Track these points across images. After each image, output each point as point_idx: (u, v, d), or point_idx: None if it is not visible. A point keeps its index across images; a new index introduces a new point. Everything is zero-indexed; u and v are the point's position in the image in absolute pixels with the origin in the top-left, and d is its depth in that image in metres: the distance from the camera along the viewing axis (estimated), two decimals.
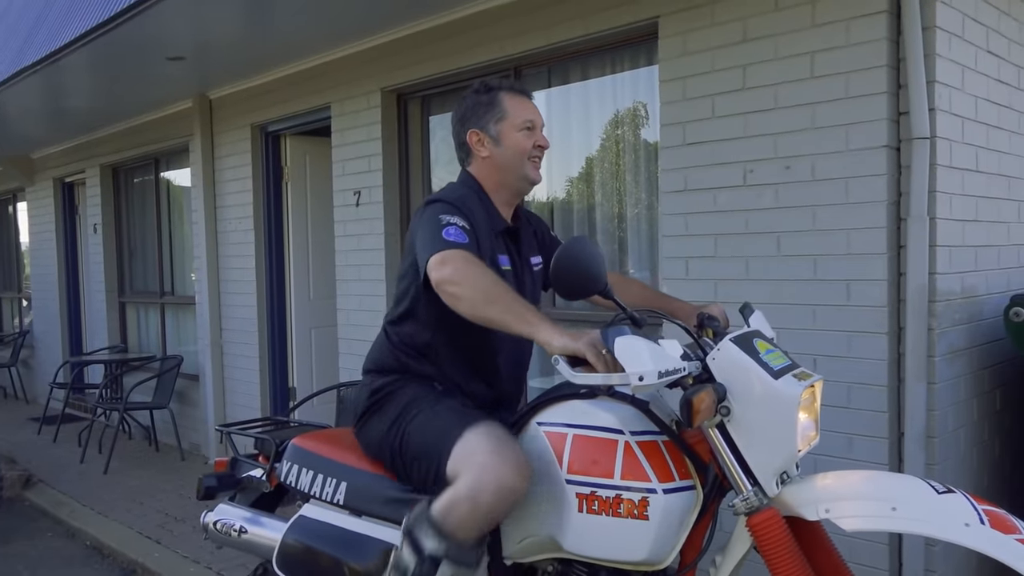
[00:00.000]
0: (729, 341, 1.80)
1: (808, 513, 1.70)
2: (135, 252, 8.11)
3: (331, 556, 2.16)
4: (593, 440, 1.87)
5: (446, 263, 1.93)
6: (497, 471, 1.82)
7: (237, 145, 6.12)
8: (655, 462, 1.83)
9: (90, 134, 7.99)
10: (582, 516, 1.84)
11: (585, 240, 1.86)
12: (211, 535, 2.53)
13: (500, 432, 1.95)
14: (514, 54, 4.13)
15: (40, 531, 5.10)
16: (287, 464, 2.38)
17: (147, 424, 7.04)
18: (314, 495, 2.29)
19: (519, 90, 2.30)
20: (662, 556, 1.83)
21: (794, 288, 3.14)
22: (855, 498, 1.67)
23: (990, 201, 3.33)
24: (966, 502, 1.61)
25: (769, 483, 1.74)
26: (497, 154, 2.23)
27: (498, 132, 2.22)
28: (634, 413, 1.91)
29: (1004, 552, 1.52)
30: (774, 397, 1.72)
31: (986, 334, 3.31)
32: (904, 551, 2.95)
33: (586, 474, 1.85)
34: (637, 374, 1.65)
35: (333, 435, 2.46)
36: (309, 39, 4.90)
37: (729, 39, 3.27)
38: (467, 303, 1.90)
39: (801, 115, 3.09)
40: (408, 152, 4.97)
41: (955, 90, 3.03)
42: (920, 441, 2.92)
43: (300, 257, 6.08)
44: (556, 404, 1.99)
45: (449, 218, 2.03)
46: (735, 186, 3.29)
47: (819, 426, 1.84)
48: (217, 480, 2.62)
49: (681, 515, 1.83)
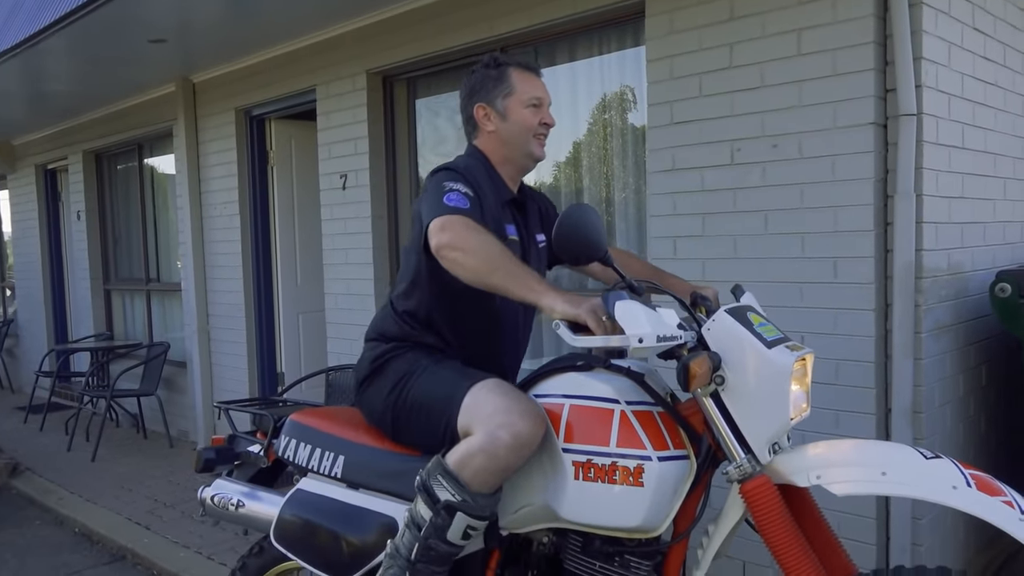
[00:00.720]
0: (724, 312, 1.83)
1: (799, 480, 1.73)
2: (120, 239, 8.04)
3: (328, 529, 2.17)
4: (589, 409, 1.90)
5: (446, 229, 1.92)
6: (512, 423, 1.83)
7: (221, 129, 6.06)
8: (650, 431, 1.86)
9: (72, 120, 7.90)
10: (578, 483, 1.86)
11: (587, 208, 1.87)
12: (208, 510, 2.53)
13: (507, 385, 1.96)
14: (501, 34, 4.10)
15: (28, 519, 5.08)
16: (285, 439, 2.39)
17: (135, 412, 7.01)
18: (312, 469, 2.30)
19: (528, 66, 2.29)
20: (656, 523, 1.85)
21: (782, 266, 3.15)
22: (845, 464, 1.70)
23: (976, 178, 3.34)
24: (953, 467, 1.65)
25: (762, 451, 1.77)
26: (503, 129, 2.23)
27: (505, 107, 2.22)
28: (630, 384, 1.94)
29: (990, 513, 1.56)
30: (767, 366, 1.75)
31: (972, 310, 3.33)
32: (891, 524, 2.98)
33: (582, 442, 1.87)
34: (636, 336, 1.69)
35: (331, 411, 2.48)
36: (293, 20, 4.85)
37: (716, 17, 3.26)
38: (468, 269, 1.90)
39: (788, 93, 3.09)
40: (394, 134, 4.94)
41: (941, 67, 3.04)
42: (907, 416, 2.94)
43: (287, 242, 6.05)
44: (552, 376, 2.01)
45: (452, 184, 2.03)
46: (723, 165, 3.29)
47: (810, 399, 1.86)
48: (216, 453, 2.62)
49: (675, 483, 1.85)
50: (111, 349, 7.53)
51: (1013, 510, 1.56)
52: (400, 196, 4.96)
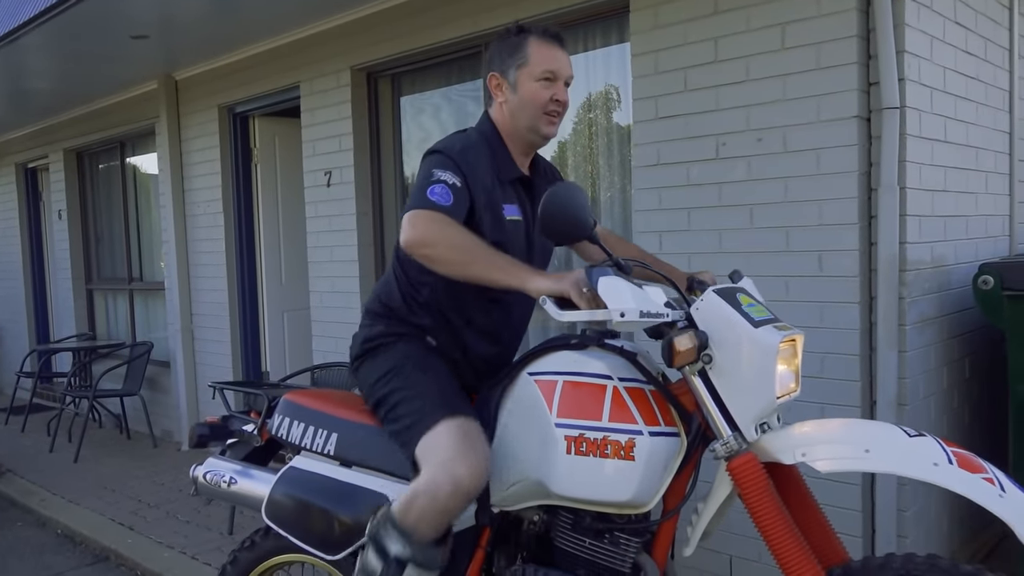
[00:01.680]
0: (712, 292, 1.84)
1: (785, 457, 1.75)
2: (102, 238, 7.97)
3: (320, 507, 2.17)
4: (582, 385, 1.91)
5: (415, 225, 1.91)
6: (454, 471, 1.86)
7: (205, 127, 6.02)
8: (642, 407, 1.87)
9: (53, 118, 7.82)
10: (570, 458, 1.87)
11: (573, 186, 1.86)
12: (200, 488, 2.52)
13: (469, 428, 1.95)
14: (485, 29, 4.09)
15: (9, 521, 5.02)
16: (279, 417, 2.40)
17: (118, 412, 6.95)
18: (305, 447, 2.30)
19: (550, 35, 2.15)
20: (647, 498, 1.86)
21: (767, 260, 3.16)
22: (830, 442, 1.72)
23: (958, 171, 3.36)
24: (936, 444, 1.67)
25: (748, 429, 1.79)
26: (512, 101, 2.15)
27: (516, 78, 2.13)
28: (623, 362, 1.95)
29: (971, 489, 1.58)
30: (753, 345, 1.76)
31: (955, 303, 3.36)
32: (877, 515, 3.00)
33: (575, 417, 1.88)
34: (619, 310, 1.70)
35: (325, 392, 2.50)
36: (277, 16, 4.82)
37: (700, 11, 3.27)
38: (444, 264, 1.91)
39: (773, 87, 3.10)
40: (379, 131, 4.92)
41: (924, 60, 3.06)
42: (892, 409, 2.95)
43: (271, 240, 6.01)
44: (547, 355, 2.02)
45: (440, 173, 1.99)
46: (708, 159, 3.29)
47: (800, 379, 1.87)
48: (210, 429, 2.62)
49: (666, 458, 1.86)
50: (93, 349, 7.46)
51: (993, 487, 1.59)
52: (385, 193, 4.94)
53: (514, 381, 2.03)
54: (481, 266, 1.87)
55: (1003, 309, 3.08)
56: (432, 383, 2.08)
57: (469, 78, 4.49)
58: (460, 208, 1.99)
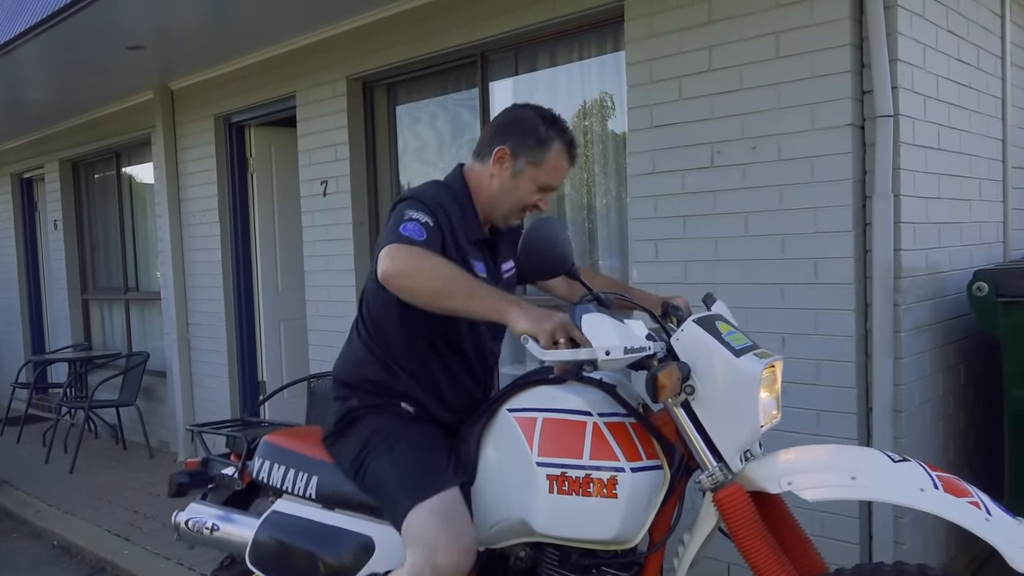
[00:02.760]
0: (692, 322, 1.84)
1: (771, 487, 1.75)
2: (97, 248, 7.96)
3: (304, 550, 2.15)
4: (562, 422, 1.89)
5: (393, 257, 1.86)
6: (435, 562, 1.85)
7: (200, 136, 6.02)
8: (623, 442, 1.86)
9: (48, 128, 7.82)
10: (552, 497, 1.86)
11: (552, 222, 1.87)
12: (183, 534, 2.50)
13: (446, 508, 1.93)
14: (481, 39, 4.11)
15: (4, 532, 5.00)
16: (259, 460, 2.37)
17: (113, 423, 6.92)
18: (286, 490, 2.28)
19: (571, 155, 2.16)
20: (631, 534, 1.85)
21: (762, 267, 3.17)
22: (816, 470, 1.72)
23: (952, 179, 3.38)
24: (921, 469, 1.68)
25: (733, 459, 1.79)
26: (505, 184, 2.13)
27: (521, 169, 2.11)
28: (602, 396, 1.94)
29: (958, 514, 1.58)
30: (736, 375, 1.76)
31: (950, 310, 3.37)
32: (874, 523, 3.00)
33: (556, 455, 1.87)
34: (604, 348, 1.70)
35: (304, 432, 2.45)
36: (272, 26, 4.83)
37: (695, 20, 3.28)
38: (422, 295, 1.86)
39: (767, 95, 3.11)
40: (375, 140, 4.93)
41: (917, 68, 3.07)
42: (888, 415, 2.96)
43: (267, 249, 6.01)
44: (525, 390, 2.00)
45: (412, 213, 1.97)
46: (703, 167, 3.30)
47: (780, 405, 1.88)
48: (189, 477, 2.59)
49: (649, 493, 1.86)
50: (89, 359, 7.44)
51: (979, 510, 1.59)
52: (381, 202, 4.94)
53: (494, 418, 2.01)
54: (462, 297, 1.83)
55: (998, 315, 3.09)
56: (406, 458, 2.03)
57: (465, 87, 4.50)
58: (434, 244, 1.95)
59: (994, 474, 3.74)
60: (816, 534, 3.01)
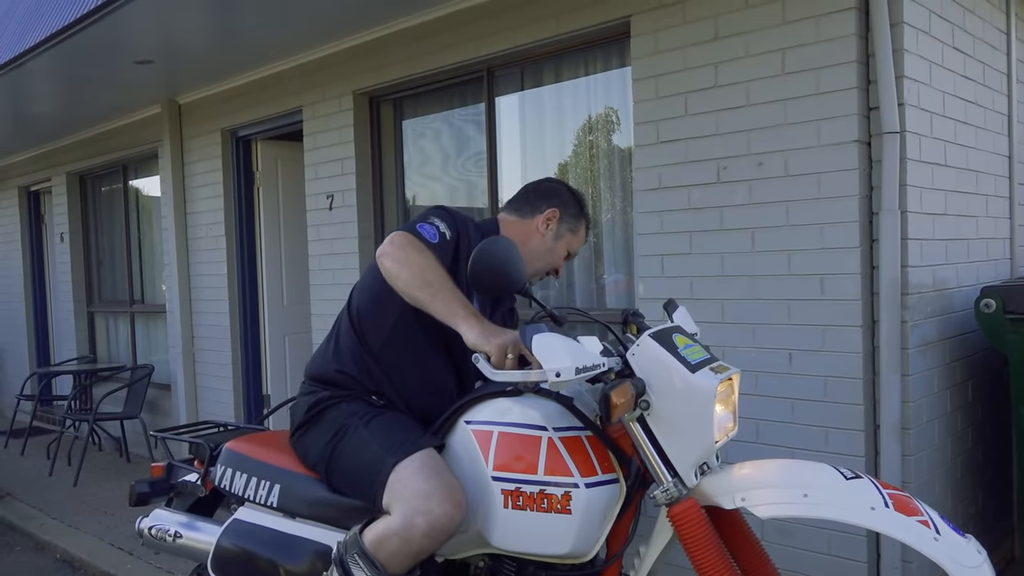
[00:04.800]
0: (648, 337, 1.84)
1: (725, 502, 1.75)
2: (103, 261, 7.98)
3: (266, 558, 2.16)
4: (517, 437, 1.91)
5: (394, 241, 1.99)
6: (430, 510, 1.84)
7: (207, 150, 6.05)
8: (578, 457, 1.87)
9: (56, 141, 7.87)
10: (508, 512, 1.87)
11: (503, 240, 1.89)
12: (146, 541, 2.50)
13: (432, 461, 1.93)
14: (487, 55, 4.13)
15: (8, 546, 4.98)
16: (221, 468, 2.36)
17: (117, 435, 6.92)
18: (248, 498, 2.28)
19: (589, 228, 2.46)
20: (586, 549, 1.86)
21: (769, 283, 3.16)
22: (768, 486, 1.72)
23: (959, 195, 3.38)
24: (872, 487, 1.67)
25: (688, 474, 1.79)
26: (546, 243, 2.33)
27: (559, 234, 2.34)
28: (558, 409, 1.95)
29: (906, 533, 1.58)
30: (691, 390, 1.76)
31: (957, 327, 3.35)
32: (881, 542, 2.98)
33: (511, 470, 1.88)
34: (554, 370, 1.70)
35: (267, 438, 2.45)
36: (280, 41, 4.86)
37: (701, 37, 3.29)
38: (401, 280, 1.95)
39: (773, 111, 3.12)
40: (381, 155, 4.94)
41: (923, 85, 3.08)
42: (896, 432, 2.94)
43: (273, 263, 6.02)
44: (483, 402, 2.01)
45: (437, 220, 2.09)
46: (709, 183, 3.31)
47: (737, 418, 1.88)
48: (150, 486, 2.58)
49: (604, 508, 1.86)
50: (94, 372, 7.44)
51: (928, 530, 1.58)
52: (387, 216, 4.95)
53: (452, 429, 2.03)
54: (430, 293, 1.92)
55: (1005, 332, 3.08)
56: (382, 427, 2.06)
57: (471, 102, 4.52)
58: (443, 253, 2.03)
59: (1001, 491, 3.72)
60: (823, 552, 3.01)
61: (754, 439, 3.17)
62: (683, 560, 1.84)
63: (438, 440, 2.03)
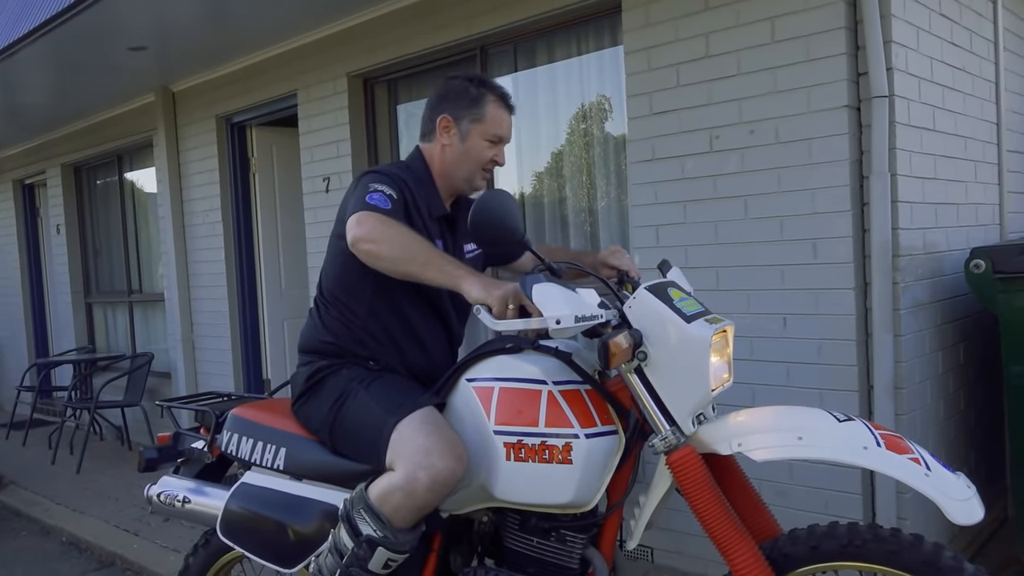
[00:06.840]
0: (644, 289, 1.88)
1: (722, 448, 1.80)
2: (100, 251, 7.99)
3: (274, 520, 2.19)
4: (518, 391, 1.95)
5: (361, 223, 1.96)
6: (431, 464, 1.88)
7: (202, 138, 6.07)
8: (577, 409, 1.91)
9: (50, 133, 7.87)
10: (510, 464, 1.91)
11: (501, 192, 1.92)
12: (155, 507, 2.54)
13: (432, 418, 1.98)
14: (480, 33, 4.15)
15: (13, 531, 5.03)
16: (227, 434, 2.40)
17: (119, 424, 6.96)
18: (255, 462, 2.32)
19: (506, 101, 2.28)
20: (587, 498, 1.91)
21: (762, 250, 3.21)
22: (764, 431, 1.77)
23: (948, 160, 3.42)
24: (865, 428, 1.73)
25: (685, 422, 1.84)
26: (457, 149, 2.24)
27: (467, 130, 2.23)
28: (557, 364, 1.99)
29: (898, 470, 1.64)
30: (687, 340, 1.80)
31: (948, 290, 3.41)
32: (877, 500, 3.03)
33: (512, 424, 1.92)
34: (555, 318, 1.74)
35: (271, 404, 2.49)
36: (273, 25, 4.88)
37: (691, 8, 3.33)
38: (386, 260, 1.95)
39: (763, 80, 3.16)
40: (376, 136, 4.97)
41: (911, 50, 3.12)
42: (889, 392, 3.00)
43: (270, 249, 6.05)
44: (483, 360, 2.05)
45: (377, 186, 2.06)
46: (702, 153, 3.35)
47: (732, 369, 1.92)
48: (158, 452, 2.63)
49: (604, 458, 1.91)
50: (94, 361, 7.47)
51: (919, 467, 1.63)
52: None
53: (454, 388, 2.07)
54: (420, 262, 1.91)
55: (995, 292, 3.13)
56: (382, 389, 2.10)
57: None
58: (398, 215, 2.04)
59: (992, 452, 3.79)
60: (820, 512, 3.06)
61: (750, 403, 3.21)
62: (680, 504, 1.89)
63: (438, 399, 2.08)
